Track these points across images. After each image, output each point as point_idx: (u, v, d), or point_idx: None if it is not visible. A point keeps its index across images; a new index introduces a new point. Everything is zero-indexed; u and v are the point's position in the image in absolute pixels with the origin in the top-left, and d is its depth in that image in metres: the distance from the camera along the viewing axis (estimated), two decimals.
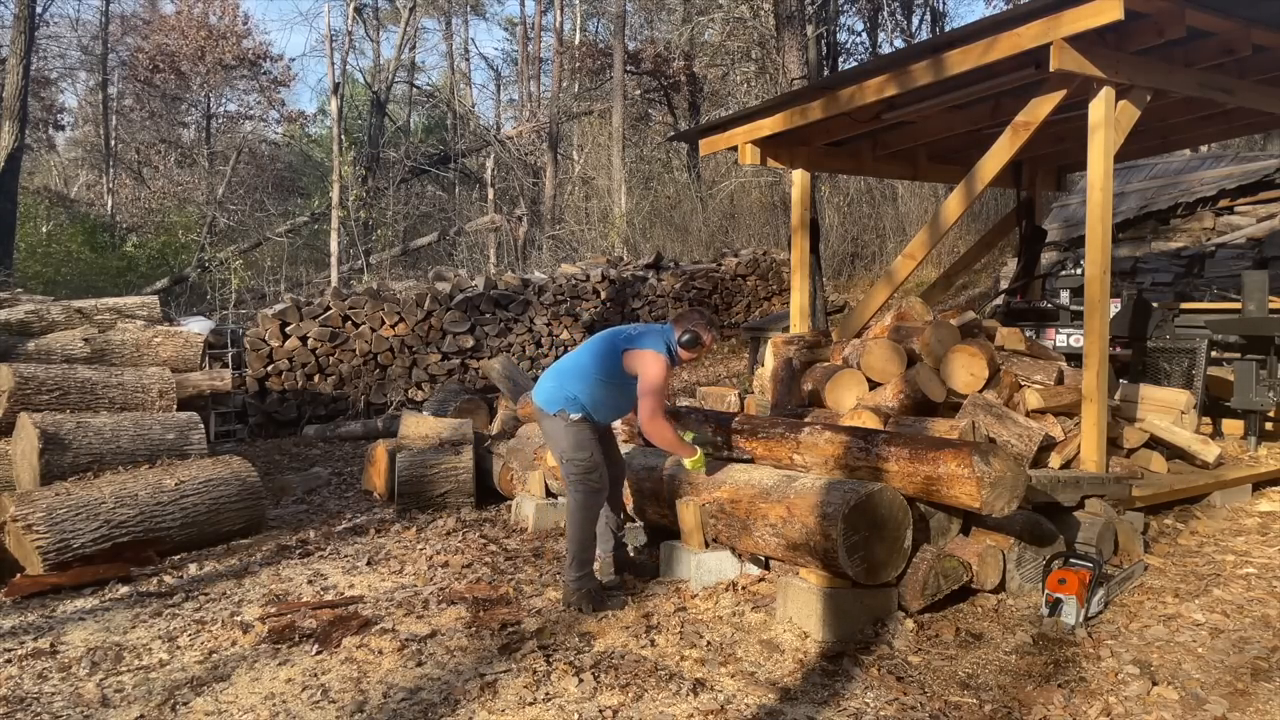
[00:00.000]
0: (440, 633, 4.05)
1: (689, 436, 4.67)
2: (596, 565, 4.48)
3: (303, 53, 56.78)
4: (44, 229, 21.48)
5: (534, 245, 19.96)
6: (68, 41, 26.68)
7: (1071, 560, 4.07)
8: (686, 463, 4.54)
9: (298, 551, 5.50)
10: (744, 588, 4.37)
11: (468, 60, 33.65)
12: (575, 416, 4.28)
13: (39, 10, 18.35)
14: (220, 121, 29.15)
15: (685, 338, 4.33)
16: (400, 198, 23.99)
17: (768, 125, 7.16)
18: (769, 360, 6.74)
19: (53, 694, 3.59)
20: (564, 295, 12.79)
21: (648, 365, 4.25)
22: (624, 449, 5.32)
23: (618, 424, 5.33)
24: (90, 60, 27.18)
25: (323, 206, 20.26)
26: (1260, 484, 5.90)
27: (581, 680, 3.50)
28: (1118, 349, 6.63)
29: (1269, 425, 6.69)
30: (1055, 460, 5.25)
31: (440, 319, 11.49)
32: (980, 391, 5.50)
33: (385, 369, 11.11)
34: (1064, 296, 7.14)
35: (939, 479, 3.94)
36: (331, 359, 10.82)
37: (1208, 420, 6.63)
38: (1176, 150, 12.23)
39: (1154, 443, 5.79)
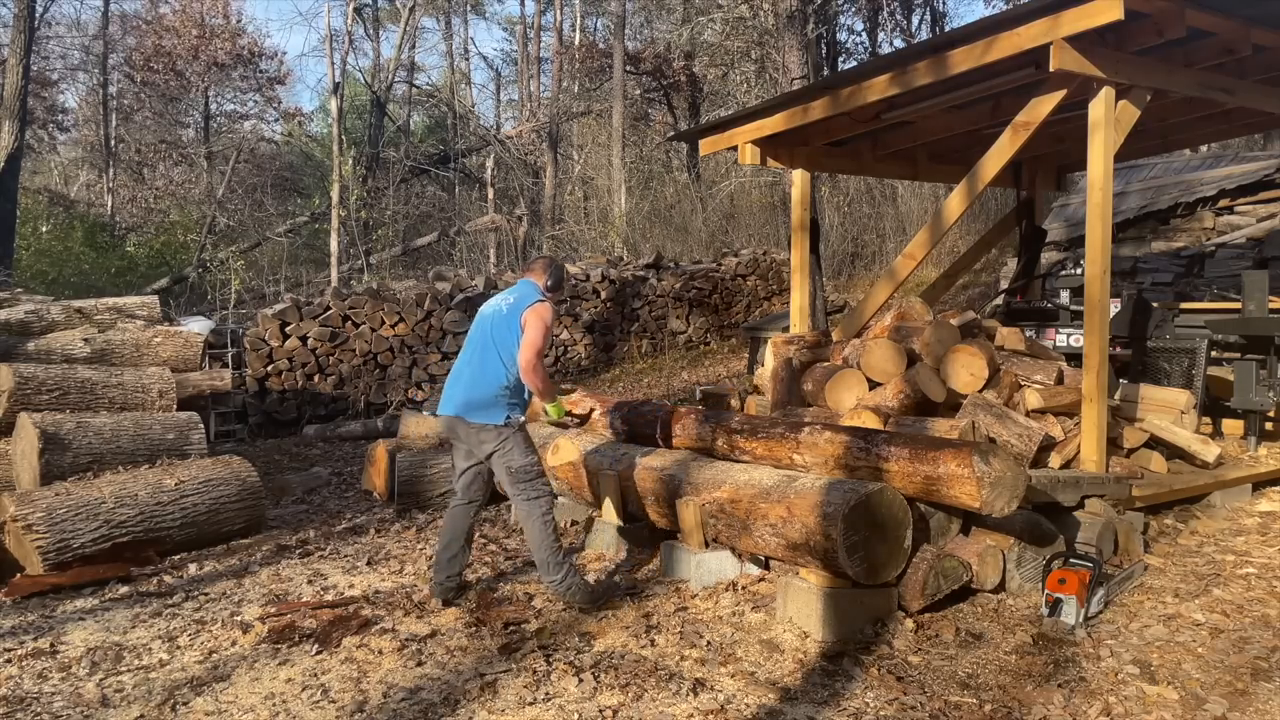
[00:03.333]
0: (440, 633, 4.06)
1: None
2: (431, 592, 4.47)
3: (302, 53, 56.83)
4: (43, 229, 21.48)
5: (534, 245, 19.97)
6: (68, 41, 26.69)
7: (1071, 560, 4.07)
8: (550, 408, 4.57)
9: (298, 551, 5.51)
10: (744, 588, 4.37)
11: (468, 60, 33.67)
12: (521, 419, 4.32)
13: (39, 10, 18.34)
14: (219, 121, 29.15)
15: (551, 281, 4.50)
16: (400, 198, 23.99)
17: (768, 125, 7.15)
18: (769, 360, 6.73)
19: (53, 694, 3.59)
20: (564, 295, 12.79)
21: (540, 313, 4.30)
22: (619, 445, 5.33)
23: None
24: (90, 60, 27.19)
25: (323, 206, 20.28)
26: (1260, 484, 5.90)
27: (581, 680, 3.50)
28: (1118, 349, 6.62)
29: (1269, 425, 6.69)
30: (1055, 460, 5.25)
31: (440, 319, 11.49)
32: (980, 391, 5.49)
33: (385, 369, 11.11)
34: (1064, 296, 7.14)
35: (939, 479, 3.94)
36: (331, 359, 10.82)
37: (1208, 420, 6.62)
38: (1176, 150, 12.23)
39: (1154, 443, 5.78)
